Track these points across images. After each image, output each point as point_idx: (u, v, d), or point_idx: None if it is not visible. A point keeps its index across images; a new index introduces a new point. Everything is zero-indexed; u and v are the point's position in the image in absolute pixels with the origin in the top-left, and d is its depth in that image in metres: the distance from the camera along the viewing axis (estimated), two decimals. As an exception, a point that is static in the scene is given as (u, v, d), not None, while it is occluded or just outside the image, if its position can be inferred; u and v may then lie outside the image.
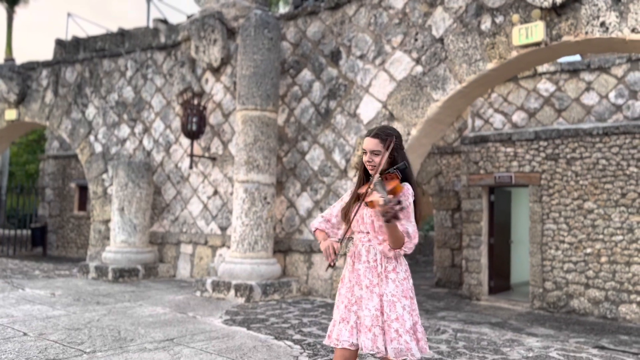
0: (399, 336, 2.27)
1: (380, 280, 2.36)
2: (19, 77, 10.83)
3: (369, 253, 2.41)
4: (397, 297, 2.33)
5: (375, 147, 2.41)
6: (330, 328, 2.43)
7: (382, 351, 2.27)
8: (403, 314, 2.31)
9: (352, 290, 2.41)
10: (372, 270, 2.38)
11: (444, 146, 11.96)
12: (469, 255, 10.02)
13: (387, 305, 2.32)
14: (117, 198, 8.58)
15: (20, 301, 6.10)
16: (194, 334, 4.79)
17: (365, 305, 2.34)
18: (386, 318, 2.31)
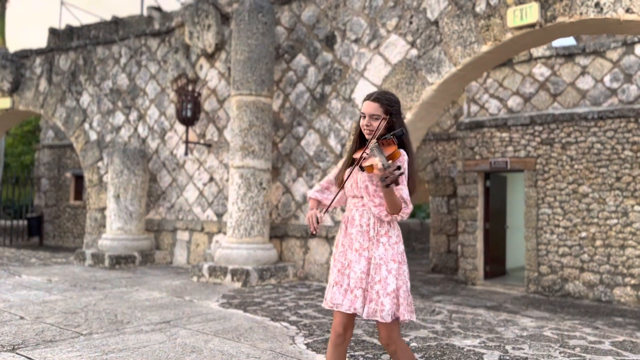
0: (378, 297, 2.30)
1: (371, 244, 2.38)
2: (12, 65, 10.75)
3: (362, 217, 2.42)
4: (385, 260, 2.35)
5: (375, 111, 2.39)
6: (326, 292, 2.48)
7: (360, 312, 2.31)
8: (387, 277, 2.32)
9: (345, 254, 2.44)
10: (364, 234, 2.40)
11: (439, 132, 11.96)
12: (465, 240, 10.07)
13: (373, 268, 2.35)
14: (112, 185, 8.56)
15: (17, 287, 6.11)
16: (190, 316, 4.81)
17: (352, 268, 2.38)
18: (370, 280, 2.34)
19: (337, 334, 2.38)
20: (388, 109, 2.41)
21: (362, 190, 2.41)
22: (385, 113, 2.40)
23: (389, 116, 2.40)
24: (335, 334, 2.38)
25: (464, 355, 3.75)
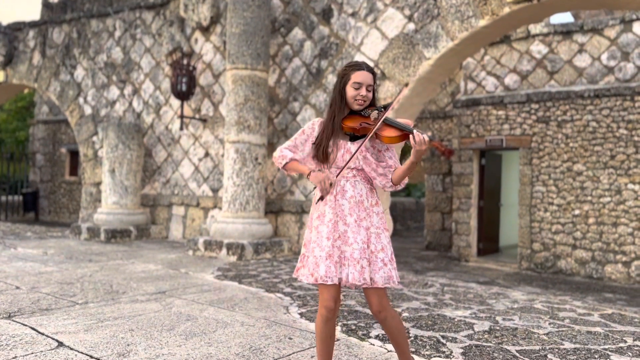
0: (385, 265, 2.32)
1: (367, 215, 2.37)
2: (5, 38, 10.62)
3: (355, 188, 2.39)
4: (381, 229, 2.38)
5: (371, 81, 2.39)
6: (312, 267, 2.34)
7: (368, 282, 2.30)
8: (386, 245, 2.37)
9: (336, 226, 2.35)
10: (360, 205, 2.37)
11: (436, 110, 11.94)
12: (459, 217, 10.13)
13: (373, 237, 2.35)
14: (107, 160, 8.54)
15: (13, 259, 6.14)
16: (185, 287, 4.86)
17: (353, 239, 2.32)
18: (373, 249, 2.34)
19: (329, 309, 2.32)
20: (375, 80, 2.45)
21: (360, 161, 2.38)
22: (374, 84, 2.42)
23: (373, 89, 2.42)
24: (326, 310, 2.32)
25: (454, 324, 3.81)
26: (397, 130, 2.27)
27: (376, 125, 2.29)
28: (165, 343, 3.19)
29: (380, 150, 2.40)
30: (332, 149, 2.37)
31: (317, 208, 2.41)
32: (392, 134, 2.26)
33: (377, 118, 2.32)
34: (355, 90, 2.36)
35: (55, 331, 3.36)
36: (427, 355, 3.13)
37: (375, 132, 2.29)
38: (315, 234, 2.38)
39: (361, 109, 2.38)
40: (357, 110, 2.38)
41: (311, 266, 2.34)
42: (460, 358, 3.08)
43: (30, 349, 3.00)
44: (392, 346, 3.27)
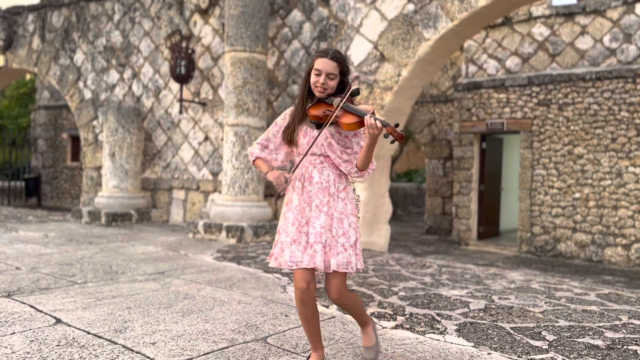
0: (344, 250, 2.31)
1: (332, 200, 2.37)
2: (4, 22, 10.58)
3: (322, 174, 2.39)
4: (345, 214, 2.37)
5: (333, 70, 2.34)
6: (277, 252, 2.38)
7: (320, 267, 2.28)
8: (349, 230, 2.35)
9: (302, 212, 2.37)
10: (324, 191, 2.37)
11: (437, 94, 11.89)
12: (459, 201, 10.13)
13: (335, 222, 2.35)
14: (107, 143, 8.55)
15: (14, 241, 6.17)
16: (184, 268, 4.89)
17: (315, 224, 2.33)
18: (334, 234, 2.33)
19: (302, 290, 2.31)
20: (343, 68, 2.37)
21: (324, 148, 2.39)
22: (340, 73, 2.36)
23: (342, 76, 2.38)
24: (300, 291, 2.32)
25: (450, 303, 3.83)
26: (355, 116, 2.28)
27: (333, 113, 2.29)
28: (162, 320, 3.22)
29: (347, 137, 2.40)
30: (298, 135, 2.40)
31: (287, 195, 2.45)
32: (350, 121, 2.28)
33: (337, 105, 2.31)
34: (316, 76, 2.35)
35: (53, 309, 3.40)
36: (421, 331, 3.16)
37: (334, 119, 2.30)
38: (282, 220, 2.42)
39: (325, 97, 2.37)
40: (319, 97, 2.37)
41: (277, 251, 2.39)
42: (454, 334, 3.11)
43: (29, 325, 3.03)
44: (385, 322, 3.30)
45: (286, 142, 2.45)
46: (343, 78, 2.39)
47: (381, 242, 6.89)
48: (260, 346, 2.81)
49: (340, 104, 2.29)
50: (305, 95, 2.42)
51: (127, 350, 2.69)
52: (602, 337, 3.13)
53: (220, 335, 2.97)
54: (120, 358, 2.58)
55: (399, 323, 3.30)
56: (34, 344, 2.72)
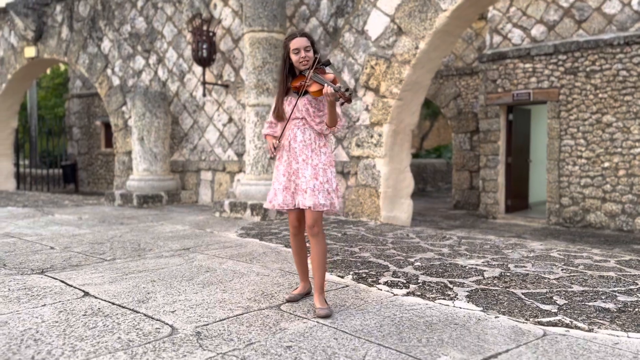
0: (329, 194, 2.90)
1: (315, 154, 2.92)
2: (34, 14, 10.90)
3: (304, 134, 2.94)
4: (327, 165, 2.94)
5: (306, 43, 2.90)
6: (271, 197, 3.01)
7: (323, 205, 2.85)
8: (331, 177, 2.94)
9: (290, 165, 2.96)
10: (308, 147, 2.93)
11: (462, 67, 11.71)
12: (486, 175, 10.04)
13: (321, 172, 2.90)
14: (136, 128, 8.80)
15: (49, 224, 6.48)
16: (209, 244, 5.06)
17: (301, 174, 2.91)
18: (321, 180, 2.89)
19: (294, 227, 3.07)
20: (312, 40, 2.95)
21: (303, 112, 2.92)
22: (312, 44, 2.92)
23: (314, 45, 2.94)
24: (292, 227, 3.08)
25: (465, 271, 3.87)
26: (320, 85, 2.80)
27: (304, 83, 2.84)
28: (183, 291, 3.39)
29: (321, 102, 2.92)
30: (283, 105, 2.96)
31: (279, 153, 3.02)
32: (315, 89, 2.83)
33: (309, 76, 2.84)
34: (296, 55, 2.89)
35: (82, 283, 3.60)
36: (431, 298, 3.22)
37: (305, 88, 2.86)
38: (275, 172, 3.04)
39: (307, 68, 2.88)
40: (303, 70, 2.90)
41: (271, 196, 3.02)
42: (464, 300, 3.16)
43: (59, 298, 3.24)
44: (397, 290, 3.38)
45: (277, 119, 3.04)
46: (315, 48, 2.96)
47: (403, 216, 6.94)
48: (273, 312, 2.94)
49: (309, 74, 2.83)
50: (286, 75, 2.97)
51: (148, 318, 2.86)
52: (614, 300, 3.14)
53: (237, 303, 3.11)
54: (141, 325, 2.74)
55: (410, 290, 3.38)
56: (62, 314, 2.91)
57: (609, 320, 2.79)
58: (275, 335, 2.58)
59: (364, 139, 6.81)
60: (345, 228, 5.97)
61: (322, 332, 2.62)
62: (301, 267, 3.20)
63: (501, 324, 2.75)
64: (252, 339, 2.54)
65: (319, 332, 2.62)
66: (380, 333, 2.61)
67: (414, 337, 2.56)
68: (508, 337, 2.56)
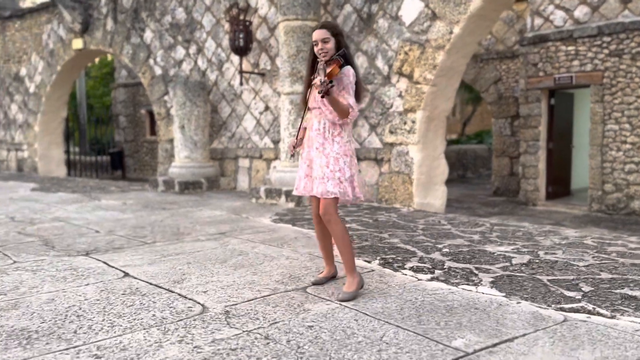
0: (340, 182, 2.95)
1: (328, 142, 2.99)
2: (81, 7, 11.32)
3: (320, 122, 3.03)
4: (340, 154, 2.97)
5: (324, 35, 2.94)
6: (297, 183, 3.17)
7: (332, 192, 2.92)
8: (344, 167, 2.97)
9: (308, 152, 3.09)
10: (321, 135, 3.01)
11: (503, 50, 11.47)
12: (526, 161, 9.86)
13: (332, 161, 2.96)
14: (177, 117, 9.07)
15: (96, 209, 6.82)
16: (243, 229, 5.24)
17: (315, 162, 3.02)
18: (332, 169, 2.95)
19: (315, 213, 3.18)
20: (334, 31, 2.96)
21: (318, 102, 3.00)
22: (332, 35, 2.95)
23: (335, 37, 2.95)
24: (314, 215, 3.20)
25: (493, 258, 3.89)
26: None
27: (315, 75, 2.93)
28: (215, 272, 3.56)
29: (338, 90, 2.94)
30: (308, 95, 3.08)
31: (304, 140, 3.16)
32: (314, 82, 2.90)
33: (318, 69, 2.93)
34: (315, 47, 2.97)
35: (123, 264, 3.83)
36: (455, 283, 3.27)
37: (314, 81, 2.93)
38: (299, 159, 3.18)
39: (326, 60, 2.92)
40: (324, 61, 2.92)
41: (296, 183, 3.19)
42: (488, 285, 3.20)
43: (100, 278, 3.46)
44: (422, 275, 3.44)
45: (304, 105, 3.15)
46: (339, 39, 2.97)
47: (437, 203, 6.94)
48: (299, 294, 3.06)
49: (318, 67, 2.92)
50: (311, 66, 3.08)
51: (181, 297, 3.03)
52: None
53: (265, 285, 3.25)
54: (174, 303, 2.92)
55: (435, 276, 3.43)
56: (103, 293, 3.13)
57: (634, 308, 2.77)
58: (298, 316, 2.70)
59: (397, 125, 6.82)
60: (378, 214, 6.04)
61: (343, 314, 2.72)
62: (325, 252, 3.29)
63: (522, 310, 2.78)
64: (276, 318, 2.67)
65: (340, 314, 2.73)
66: (400, 316, 2.70)
67: (433, 320, 2.63)
68: (527, 322, 2.60)
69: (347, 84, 2.95)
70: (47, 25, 12.44)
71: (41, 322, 2.63)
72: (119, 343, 2.37)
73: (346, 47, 3.02)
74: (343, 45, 2.99)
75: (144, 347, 2.31)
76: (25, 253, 4.23)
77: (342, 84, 2.94)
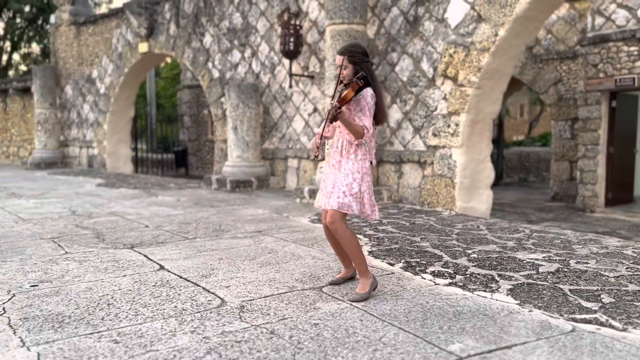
0: (345, 196, 3.09)
1: (344, 160, 3.14)
2: (146, 12, 11.97)
3: (338, 141, 3.20)
4: (352, 171, 3.12)
5: (341, 62, 3.10)
6: (317, 196, 3.31)
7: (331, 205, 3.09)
8: (352, 183, 3.10)
9: (327, 167, 3.25)
10: (338, 153, 3.17)
11: (564, 50, 11.06)
12: (584, 166, 9.47)
13: (341, 176, 3.12)
14: (230, 118, 9.43)
15: (151, 205, 7.24)
16: (280, 228, 5.42)
17: (330, 178, 3.19)
18: (339, 184, 3.11)
19: (325, 224, 3.24)
20: (351, 59, 3.09)
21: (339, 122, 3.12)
22: (350, 62, 3.08)
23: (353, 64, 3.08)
24: (324, 225, 3.28)
25: (520, 265, 3.84)
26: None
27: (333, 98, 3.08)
28: (242, 269, 3.75)
29: (353, 112, 3.09)
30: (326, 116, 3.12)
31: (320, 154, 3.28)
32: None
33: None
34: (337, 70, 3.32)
35: (161, 258, 4.10)
36: (472, 289, 3.29)
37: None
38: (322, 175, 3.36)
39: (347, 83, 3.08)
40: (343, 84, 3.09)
41: (317, 196, 3.32)
42: (504, 293, 3.19)
43: (138, 270, 3.74)
44: (441, 280, 3.47)
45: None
46: (357, 66, 3.10)
47: (482, 207, 6.84)
48: (314, 293, 3.19)
49: (335, 88, 3.13)
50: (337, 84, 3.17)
51: (205, 291, 3.24)
52: (667, 302, 3.00)
53: (284, 283, 3.40)
54: (197, 296, 3.13)
55: (454, 281, 3.45)
56: (136, 284, 3.39)
57: (651, 322, 2.70)
58: (307, 313, 2.83)
59: (440, 128, 6.79)
60: (416, 217, 6.05)
61: (351, 314, 2.83)
62: (340, 256, 3.43)
63: (532, 318, 2.77)
64: (286, 314, 2.81)
65: (348, 313, 2.83)
66: (405, 318, 2.77)
67: (436, 324, 2.68)
68: (532, 331, 2.60)
69: (364, 106, 3.08)
70: (117, 30, 13.23)
71: (75, 308, 2.91)
72: (137, 330, 2.59)
73: (368, 69, 3.13)
74: (362, 69, 3.09)
75: (159, 335, 2.52)
76: (77, 245, 4.62)
77: (359, 106, 3.08)
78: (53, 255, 4.21)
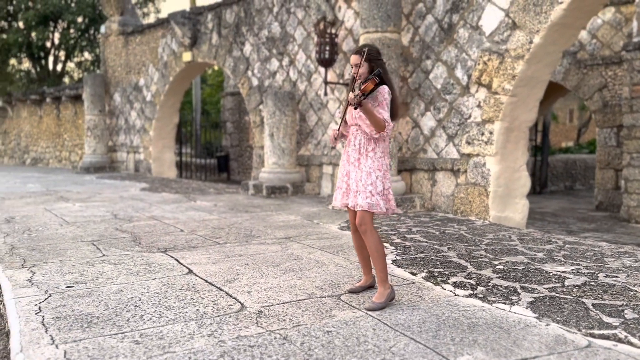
0: (372, 195, 3.15)
1: (363, 158, 3.20)
2: (189, 22, 12.36)
3: (356, 139, 3.26)
4: (373, 169, 3.18)
5: (356, 61, 3.20)
6: (335, 195, 3.38)
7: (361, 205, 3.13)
8: (376, 181, 3.17)
9: (344, 166, 3.31)
10: (356, 151, 3.24)
11: (609, 55, 10.72)
12: (629, 174, 9.14)
13: (364, 174, 3.17)
14: (267, 125, 9.61)
15: (189, 209, 7.47)
16: (309, 234, 5.51)
17: (352, 176, 3.23)
18: (364, 183, 3.16)
19: (351, 223, 3.37)
20: (367, 57, 3.17)
21: (357, 119, 3.22)
22: (365, 61, 3.17)
23: (369, 62, 3.18)
24: (351, 225, 3.39)
25: (545, 278, 3.79)
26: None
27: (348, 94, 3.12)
28: (265, 275, 3.85)
29: (373, 107, 3.11)
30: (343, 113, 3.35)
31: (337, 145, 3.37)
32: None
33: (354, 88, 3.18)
34: (352, 69, 3.23)
35: (190, 262, 4.26)
36: (491, 301, 3.27)
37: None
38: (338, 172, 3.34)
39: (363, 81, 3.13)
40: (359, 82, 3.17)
41: (334, 194, 3.41)
42: (524, 306, 3.16)
43: (167, 274, 3.90)
44: (461, 291, 3.47)
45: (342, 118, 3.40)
46: (373, 64, 3.21)
47: (517, 217, 6.72)
48: (331, 301, 3.25)
49: (352, 85, 3.20)
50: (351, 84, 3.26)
51: (227, 295, 3.36)
52: (695, 321, 2.90)
53: (304, 290, 3.48)
54: (219, 301, 3.25)
55: (474, 292, 3.44)
56: (164, 287, 3.54)
57: (673, 340, 2.62)
58: (322, 321, 2.90)
59: (474, 136, 6.73)
60: (448, 226, 6.01)
61: (365, 322, 2.88)
62: (362, 262, 3.48)
63: (547, 332, 2.75)
64: (301, 321, 2.89)
65: (362, 322, 2.88)
66: (418, 329, 2.79)
67: (449, 336, 2.69)
68: (545, 345, 2.58)
69: (382, 101, 3.15)
70: (162, 39, 13.70)
71: (104, 309, 3.08)
72: (159, 332, 2.73)
73: (382, 67, 3.22)
74: (377, 67, 3.20)
75: (178, 338, 2.65)
76: (114, 247, 4.84)
77: (377, 101, 3.15)
78: (91, 257, 4.44)
